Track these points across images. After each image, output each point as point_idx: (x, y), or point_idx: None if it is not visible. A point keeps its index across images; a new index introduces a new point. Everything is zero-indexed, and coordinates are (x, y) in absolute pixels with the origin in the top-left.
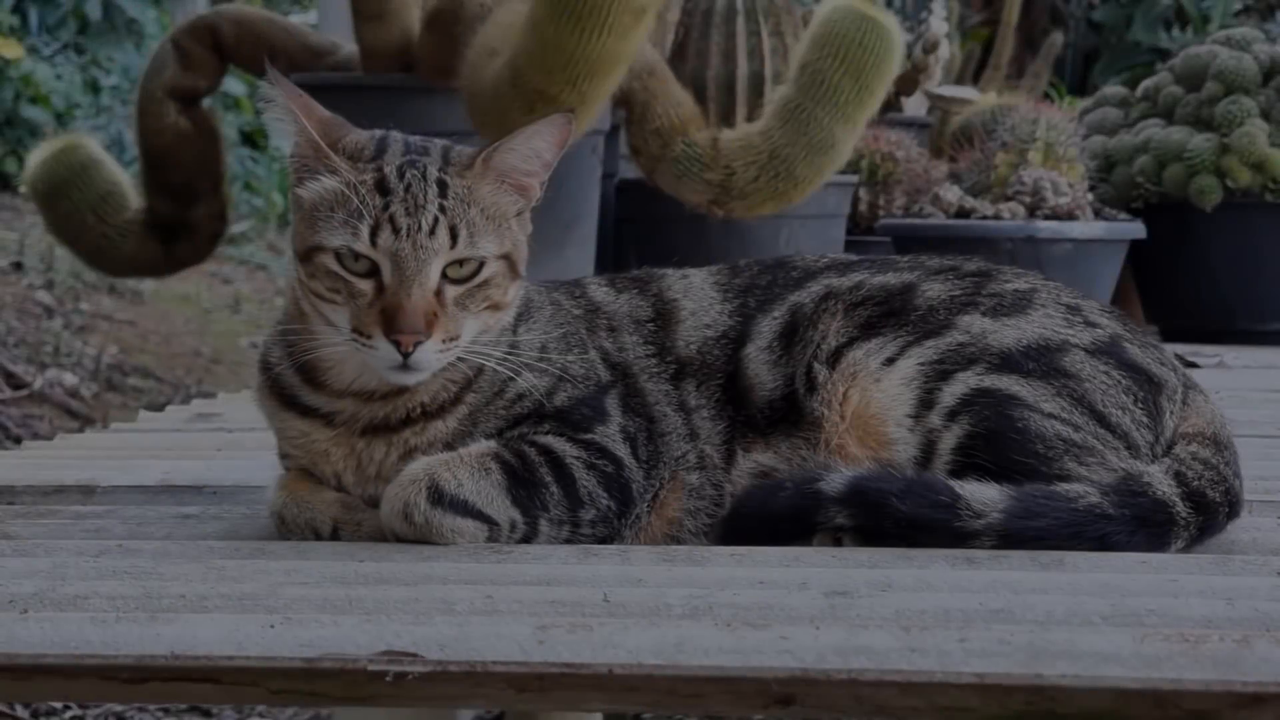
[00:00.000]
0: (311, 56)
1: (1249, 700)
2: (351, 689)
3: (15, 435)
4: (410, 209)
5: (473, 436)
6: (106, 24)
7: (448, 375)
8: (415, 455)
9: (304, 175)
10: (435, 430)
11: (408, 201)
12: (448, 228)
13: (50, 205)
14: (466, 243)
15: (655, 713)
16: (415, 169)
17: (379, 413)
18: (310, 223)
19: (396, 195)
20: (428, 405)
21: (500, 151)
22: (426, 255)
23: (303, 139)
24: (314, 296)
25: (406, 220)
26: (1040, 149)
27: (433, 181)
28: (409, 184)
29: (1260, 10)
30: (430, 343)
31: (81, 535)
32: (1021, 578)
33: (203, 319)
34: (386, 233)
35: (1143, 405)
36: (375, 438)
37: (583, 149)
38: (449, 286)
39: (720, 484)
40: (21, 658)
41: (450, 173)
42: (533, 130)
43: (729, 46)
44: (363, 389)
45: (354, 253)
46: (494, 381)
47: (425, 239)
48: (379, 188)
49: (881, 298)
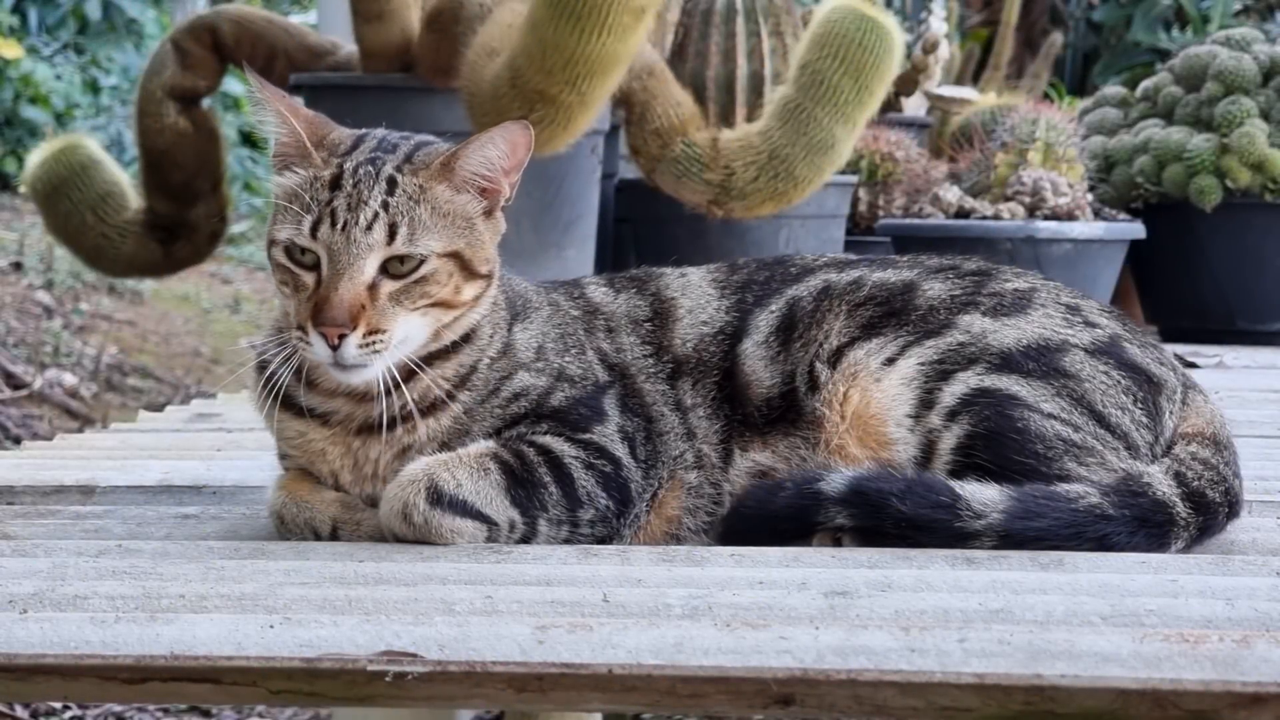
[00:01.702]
0: (311, 56)
1: (1249, 700)
2: (351, 689)
3: (15, 435)
4: (352, 204)
5: (470, 435)
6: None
7: (439, 372)
8: (410, 454)
9: (280, 170)
10: (428, 429)
11: (351, 196)
12: (386, 224)
13: (50, 205)
14: (405, 239)
15: (655, 713)
16: (372, 166)
17: (373, 412)
18: (274, 217)
19: (344, 190)
20: (418, 403)
21: (458, 157)
22: (360, 250)
23: (288, 135)
24: (277, 293)
25: (346, 215)
26: (1040, 149)
27: (383, 179)
28: (358, 180)
29: (1260, 10)
30: (353, 336)
31: (81, 535)
32: (1021, 578)
33: (203, 319)
34: (325, 226)
35: (1142, 405)
36: (371, 437)
37: (583, 149)
38: (386, 281)
39: (719, 483)
40: (21, 658)
41: (405, 170)
42: (486, 138)
43: (729, 46)
44: (352, 389)
45: (298, 246)
46: (489, 379)
47: (360, 233)
48: (333, 183)
49: (882, 297)
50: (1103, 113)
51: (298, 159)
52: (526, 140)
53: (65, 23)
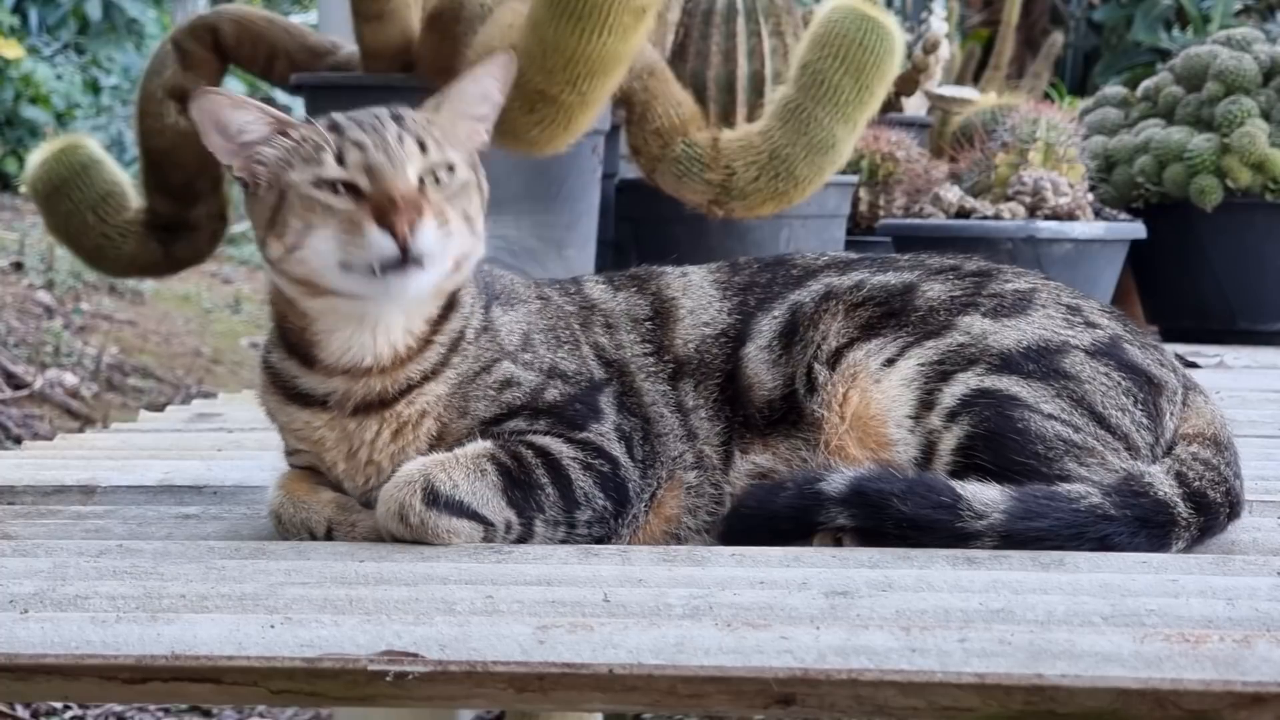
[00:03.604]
0: (311, 56)
1: (1249, 700)
2: (352, 689)
3: (15, 435)
4: (371, 131)
5: (465, 417)
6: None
7: (438, 339)
8: (406, 430)
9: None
10: (428, 396)
11: (364, 126)
12: (417, 140)
13: (50, 205)
14: (436, 149)
15: (655, 713)
16: (363, 114)
17: (374, 388)
18: (271, 181)
19: (349, 128)
20: (423, 371)
21: (449, 92)
22: (400, 157)
23: (263, 125)
24: (290, 254)
25: (371, 138)
26: (1040, 149)
27: (388, 117)
28: (359, 120)
29: (1260, 10)
30: (427, 220)
31: (82, 535)
32: (1022, 578)
33: (203, 319)
34: (353, 153)
35: (1143, 406)
36: (367, 416)
37: (583, 149)
38: (430, 189)
39: (719, 484)
40: (21, 658)
41: (402, 111)
42: (479, 70)
43: (729, 46)
44: (355, 363)
45: (325, 180)
46: (478, 354)
47: (395, 146)
48: (330, 128)
49: (882, 298)
50: (1103, 113)
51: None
52: (510, 72)
53: (66, 23)
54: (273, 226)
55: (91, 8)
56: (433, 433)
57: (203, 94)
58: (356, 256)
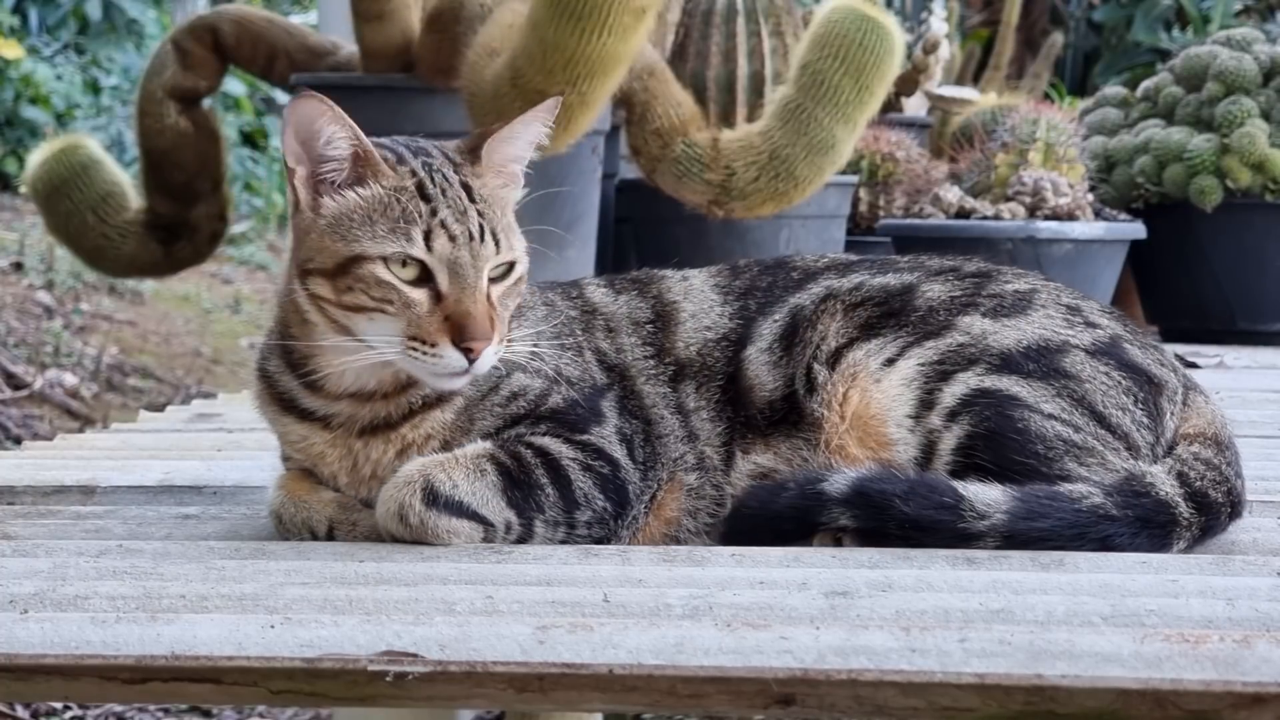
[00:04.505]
0: (312, 57)
1: (1249, 700)
2: (352, 689)
3: (15, 435)
4: (458, 215)
5: (470, 434)
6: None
7: None
8: (411, 451)
9: (332, 179)
10: (433, 422)
11: (451, 206)
12: (491, 233)
13: (50, 205)
14: (506, 246)
15: (656, 713)
16: (438, 173)
17: (379, 412)
18: (343, 233)
19: (439, 200)
20: (427, 397)
21: (497, 141)
22: (480, 262)
23: (349, 146)
24: (343, 310)
25: (458, 227)
26: (1040, 149)
27: (458, 184)
28: (443, 188)
29: (1260, 10)
30: (492, 346)
31: (82, 535)
32: (1022, 578)
33: (203, 319)
34: (442, 239)
35: (1143, 406)
36: (373, 437)
37: (583, 149)
38: (492, 289)
39: (720, 485)
40: (21, 658)
41: (465, 174)
42: (531, 116)
43: (729, 47)
44: (360, 390)
45: (412, 259)
46: (488, 376)
47: (478, 246)
48: (420, 193)
49: (881, 298)
50: (1103, 113)
51: (360, 168)
52: (555, 114)
53: (66, 23)
54: (335, 278)
55: (91, 8)
56: (437, 450)
57: (308, 96)
58: (424, 360)
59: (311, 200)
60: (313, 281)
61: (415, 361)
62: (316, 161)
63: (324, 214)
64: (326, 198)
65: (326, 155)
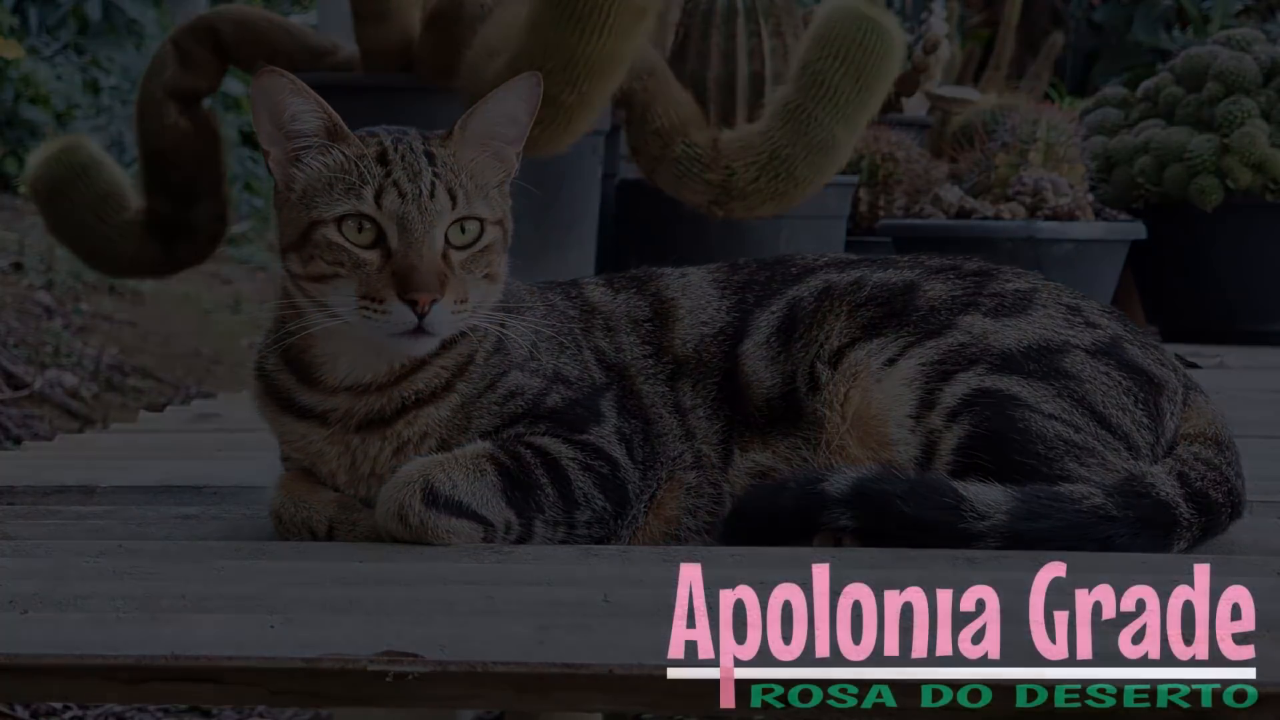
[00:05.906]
0: (311, 57)
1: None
2: (352, 689)
3: (15, 435)
4: (411, 174)
5: (467, 432)
6: (106, 24)
7: (440, 362)
8: (409, 449)
9: (302, 155)
10: (428, 419)
11: (408, 167)
12: (447, 191)
13: (50, 205)
14: (464, 203)
15: (655, 713)
16: (404, 143)
17: (374, 405)
18: (307, 202)
19: (395, 164)
20: (421, 393)
21: (475, 117)
22: (431, 217)
23: (316, 120)
24: (311, 281)
25: (409, 185)
26: (1041, 149)
27: (421, 152)
28: (403, 153)
29: (1260, 10)
30: (444, 301)
31: (82, 536)
32: (1021, 578)
33: (203, 319)
34: (391, 196)
35: (1143, 406)
36: (370, 433)
37: (583, 149)
38: (453, 252)
39: (719, 483)
40: (21, 658)
41: (433, 142)
42: (503, 92)
43: (729, 47)
44: (357, 382)
45: (363, 215)
46: (485, 373)
47: (428, 200)
48: (380, 158)
49: (883, 298)
50: (1103, 113)
51: (329, 140)
52: (539, 95)
53: (66, 23)
54: (300, 248)
55: (91, 8)
56: (434, 448)
57: (267, 72)
58: (375, 318)
59: (285, 177)
60: (289, 259)
61: (368, 321)
62: (287, 138)
63: (295, 188)
64: (296, 170)
65: (294, 130)
